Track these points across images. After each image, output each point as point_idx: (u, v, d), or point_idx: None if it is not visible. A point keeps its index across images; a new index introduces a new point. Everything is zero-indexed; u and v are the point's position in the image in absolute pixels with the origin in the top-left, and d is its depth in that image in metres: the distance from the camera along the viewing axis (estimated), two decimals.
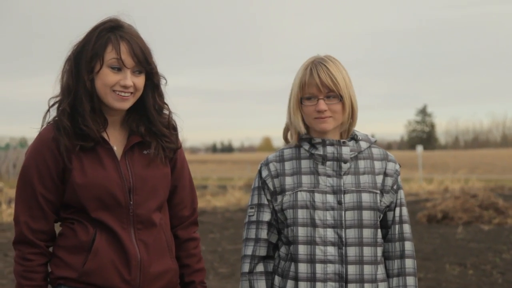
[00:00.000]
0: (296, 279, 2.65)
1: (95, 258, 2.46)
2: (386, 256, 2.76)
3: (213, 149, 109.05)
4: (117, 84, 2.43)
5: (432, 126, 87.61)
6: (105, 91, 2.44)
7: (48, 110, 2.52)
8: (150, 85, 2.52)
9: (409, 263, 2.75)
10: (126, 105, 2.47)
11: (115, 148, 2.51)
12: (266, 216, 2.74)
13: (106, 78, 2.43)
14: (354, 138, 2.76)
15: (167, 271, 2.57)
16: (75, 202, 2.47)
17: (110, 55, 2.43)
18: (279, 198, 2.71)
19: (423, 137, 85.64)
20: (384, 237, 2.76)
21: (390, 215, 2.76)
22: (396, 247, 2.75)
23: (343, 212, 2.65)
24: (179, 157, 2.66)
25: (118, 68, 2.43)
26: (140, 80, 2.47)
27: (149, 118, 2.54)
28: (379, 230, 2.71)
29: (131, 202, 2.48)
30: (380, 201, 2.70)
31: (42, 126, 2.52)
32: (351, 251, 2.65)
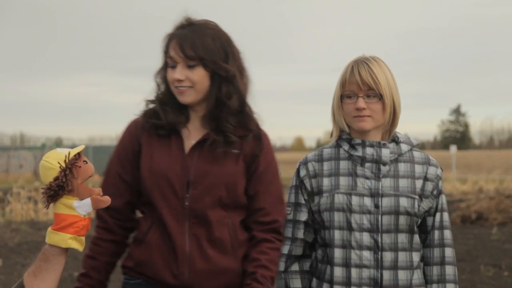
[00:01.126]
0: (331, 282, 2.63)
1: (146, 249, 2.52)
2: (426, 262, 2.70)
3: None
4: (173, 79, 2.51)
5: (466, 125, 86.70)
6: (171, 87, 2.54)
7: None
8: (215, 79, 2.52)
9: (450, 270, 2.68)
10: (186, 98, 2.52)
11: (187, 141, 2.55)
12: (303, 216, 2.71)
13: (168, 75, 2.54)
14: (395, 140, 2.70)
15: (224, 271, 2.51)
16: (144, 189, 2.55)
17: (168, 54, 2.54)
18: (316, 199, 2.68)
19: (457, 136, 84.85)
20: (423, 242, 2.70)
21: (429, 220, 2.69)
22: (435, 253, 2.69)
23: (380, 216, 2.60)
24: (262, 163, 2.59)
25: (173, 65, 2.52)
26: (194, 74, 2.49)
27: (217, 112, 2.54)
28: (416, 235, 2.65)
29: (187, 195, 2.49)
30: (419, 206, 2.63)
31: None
32: (387, 256, 2.60)
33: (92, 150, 35.53)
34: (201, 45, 2.48)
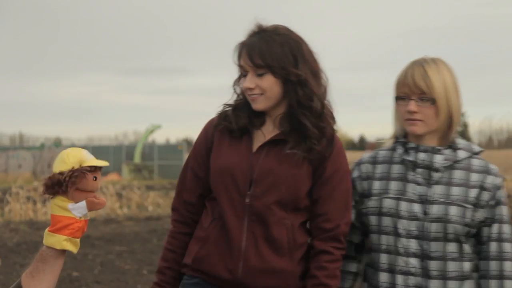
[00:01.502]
0: (377, 287, 2.61)
1: (205, 244, 2.57)
2: (482, 275, 2.59)
3: None
4: (245, 88, 2.56)
5: (465, 125, 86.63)
6: (246, 95, 2.59)
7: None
8: (288, 84, 2.54)
9: (509, 285, 2.56)
10: (258, 105, 2.56)
11: (258, 142, 2.59)
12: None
13: (241, 84, 2.61)
14: (452, 147, 2.61)
15: (279, 271, 2.53)
16: (211, 185, 2.61)
17: (239, 63, 2.59)
18: (365, 201, 2.65)
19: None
20: (479, 253, 2.60)
21: (485, 231, 2.57)
22: (492, 266, 2.57)
23: (428, 223, 2.53)
24: (330, 167, 2.57)
25: (245, 74, 2.57)
26: (264, 81, 2.53)
27: (293, 116, 2.55)
28: (466, 245, 2.56)
29: (249, 193, 2.53)
30: (473, 215, 2.53)
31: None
32: (434, 265, 2.53)
33: (91, 150, 35.43)
34: (269, 53, 2.51)
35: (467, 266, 2.56)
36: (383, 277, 2.59)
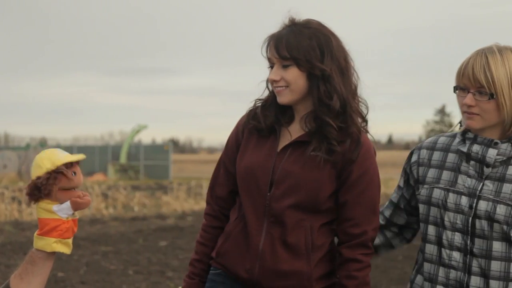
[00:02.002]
0: (422, 275, 2.57)
1: (227, 240, 2.60)
2: None
3: None
4: (271, 80, 2.55)
5: (451, 126, 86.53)
6: (272, 88, 2.58)
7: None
8: (312, 78, 2.51)
9: None
10: (283, 99, 2.53)
11: (284, 142, 2.57)
12: (395, 198, 2.70)
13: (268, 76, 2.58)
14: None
15: (295, 273, 2.51)
16: (238, 183, 2.62)
17: (267, 55, 2.57)
18: (420, 188, 2.57)
19: None
20: None
21: None
22: None
23: (472, 218, 2.42)
24: (356, 170, 2.50)
25: (271, 66, 2.55)
26: (289, 73, 2.50)
27: (318, 112, 2.51)
28: None
29: (268, 194, 2.52)
30: None
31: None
32: (476, 262, 2.42)
33: (76, 150, 35.36)
34: (295, 45, 2.48)
35: None
36: (427, 267, 2.54)
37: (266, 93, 2.64)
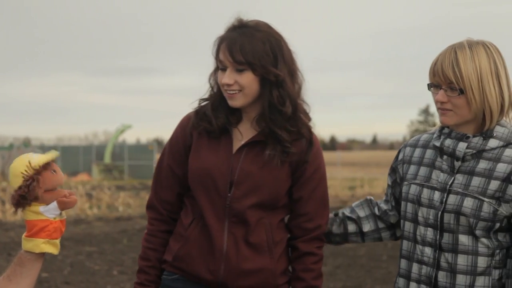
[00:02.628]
0: (398, 273, 2.59)
1: (186, 244, 2.57)
2: (507, 273, 2.43)
3: None
4: (223, 83, 2.54)
5: (435, 125, 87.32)
6: (222, 90, 2.56)
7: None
8: (265, 83, 2.52)
9: None
10: (235, 102, 2.53)
11: (237, 142, 2.58)
12: (387, 195, 2.72)
13: (218, 78, 2.56)
14: (484, 135, 2.41)
15: (260, 270, 2.55)
16: (190, 183, 2.60)
17: (218, 57, 2.55)
18: (402, 185, 2.60)
19: None
20: (508, 251, 2.44)
21: None
22: None
23: (441, 213, 2.43)
24: (309, 168, 2.58)
25: (223, 68, 2.53)
26: (243, 78, 2.50)
27: (270, 117, 2.53)
28: (484, 239, 2.39)
29: (229, 195, 2.53)
30: (494, 209, 2.36)
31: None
32: (443, 257, 2.44)
33: (60, 150, 35.20)
34: (250, 49, 2.49)
35: (483, 261, 2.41)
36: (403, 263, 2.56)
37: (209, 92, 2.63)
